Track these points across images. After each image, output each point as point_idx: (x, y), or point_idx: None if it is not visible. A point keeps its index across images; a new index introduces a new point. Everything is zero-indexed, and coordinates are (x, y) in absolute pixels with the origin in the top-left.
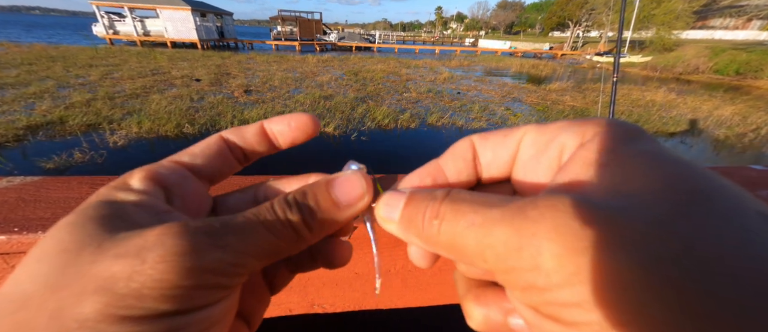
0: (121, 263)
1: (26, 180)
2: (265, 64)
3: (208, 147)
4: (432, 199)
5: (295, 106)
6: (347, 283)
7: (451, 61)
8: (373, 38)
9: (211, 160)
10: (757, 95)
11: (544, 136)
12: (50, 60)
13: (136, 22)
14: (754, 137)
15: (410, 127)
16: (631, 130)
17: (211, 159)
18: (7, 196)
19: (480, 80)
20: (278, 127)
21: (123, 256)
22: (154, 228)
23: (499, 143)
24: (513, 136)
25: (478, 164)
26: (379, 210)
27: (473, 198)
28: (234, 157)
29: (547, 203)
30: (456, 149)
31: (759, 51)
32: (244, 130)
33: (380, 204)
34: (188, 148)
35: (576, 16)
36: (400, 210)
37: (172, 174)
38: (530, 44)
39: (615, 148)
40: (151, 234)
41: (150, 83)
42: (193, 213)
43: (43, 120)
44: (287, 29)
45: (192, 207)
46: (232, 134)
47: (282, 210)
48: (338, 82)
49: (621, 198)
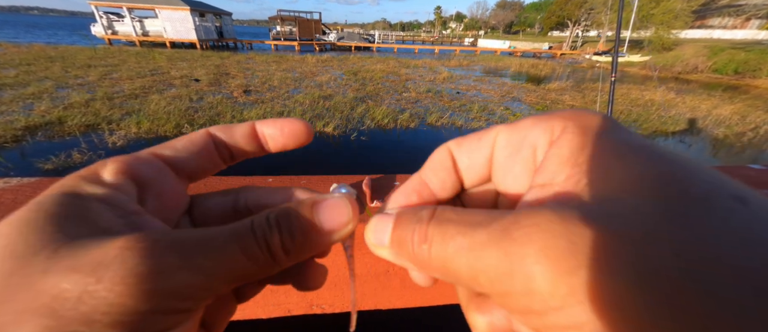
0: (73, 279)
1: (23, 182)
2: (265, 64)
3: (192, 142)
4: (418, 222)
5: (294, 106)
6: (346, 284)
7: (451, 60)
8: (372, 38)
9: (194, 157)
10: (755, 94)
11: (515, 135)
12: (49, 60)
13: (135, 22)
14: (753, 136)
15: (410, 127)
16: (598, 119)
17: (194, 155)
18: (4, 198)
19: (479, 80)
20: (270, 130)
21: (76, 271)
22: (116, 240)
23: (474, 147)
24: (486, 139)
25: (459, 171)
26: (369, 237)
27: (459, 218)
28: (219, 155)
29: (531, 222)
30: (435, 159)
31: (757, 50)
32: (233, 129)
33: (368, 230)
34: (171, 141)
35: (575, 16)
36: (389, 235)
37: (148, 168)
38: (529, 44)
39: (587, 143)
40: (112, 246)
41: (149, 83)
42: (166, 212)
43: (42, 120)
44: (286, 29)
45: (166, 205)
46: (221, 132)
47: (262, 232)
48: (337, 81)
49: (606, 203)
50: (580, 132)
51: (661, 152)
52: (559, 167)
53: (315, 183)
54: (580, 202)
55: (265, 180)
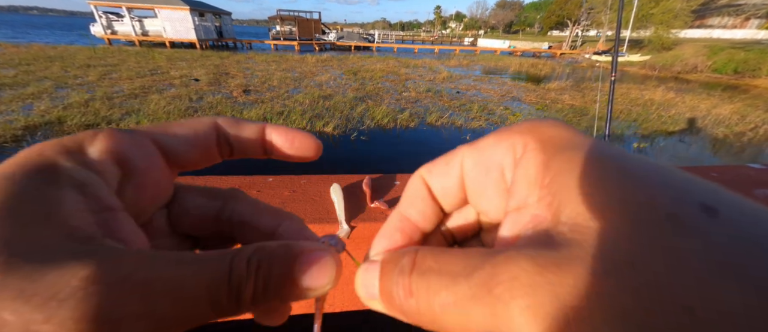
0: (18, 310)
1: None
2: (264, 63)
3: (195, 133)
4: (400, 273)
5: (294, 105)
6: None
7: (450, 60)
8: (372, 38)
9: (193, 149)
10: (755, 94)
11: (480, 157)
12: (48, 60)
13: (135, 21)
14: (752, 136)
15: (409, 127)
16: (556, 130)
17: (194, 147)
18: None
19: (479, 79)
20: (280, 139)
21: (25, 301)
22: (79, 267)
23: (443, 172)
24: (453, 163)
25: (436, 198)
26: (359, 291)
27: (440, 268)
28: (219, 149)
29: (510, 275)
30: (410, 190)
31: (757, 50)
32: (242, 126)
33: (358, 283)
34: (174, 124)
35: (575, 16)
36: (377, 287)
37: (140, 154)
38: (529, 43)
39: (550, 161)
40: (74, 276)
41: (148, 83)
42: (145, 204)
43: (42, 120)
44: (286, 29)
45: (146, 198)
46: (229, 125)
47: (237, 281)
48: (337, 81)
49: (581, 233)
50: (540, 148)
51: (622, 163)
52: (528, 189)
53: (315, 183)
54: (555, 235)
55: (265, 180)
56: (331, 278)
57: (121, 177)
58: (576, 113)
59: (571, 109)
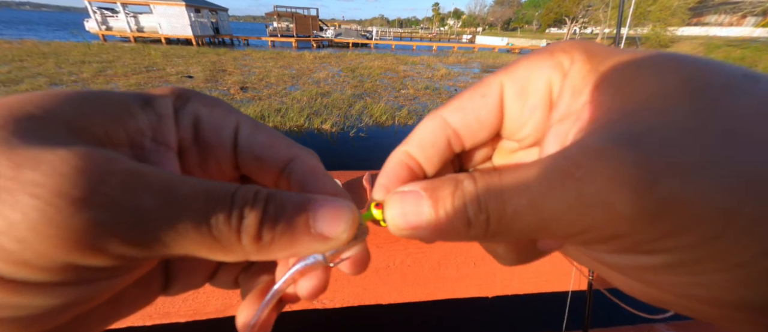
0: None
1: None
2: (262, 60)
3: (275, 152)
4: (467, 193)
5: (291, 103)
6: (346, 279)
7: (449, 57)
8: (370, 35)
9: (260, 162)
10: None
11: (523, 81)
12: (42, 56)
13: (130, 17)
14: None
15: (408, 124)
16: (598, 46)
17: (262, 161)
18: None
19: (477, 77)
20: None
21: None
22: (71, 150)
23: (479, 106)
24: (490, 93)
25: (457, 137)
26: (398, 221)
27: (501, 179)
28: (278, 176)
29: (584, 159)
30: (424, 133)
31: (753, 47)
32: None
33: (394, 213)
34: (273, 134)
35: (573, 13)
36: (430, 212)
37: (214, 130)
38: (527, 41)
39: (598, 67)
40: (65, 152)
41: (144, 80)
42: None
43: None
44: (283, 25)
45: (194, 164)
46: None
47: (241, 203)
48: (335, 78)
49: (641, 114)
50: (587, 59)
51: (671, 58)
52: (573, 97)
53: None
54: (613, 121)
55: None
56: (347, 226)
57: (193, 135)
58: None
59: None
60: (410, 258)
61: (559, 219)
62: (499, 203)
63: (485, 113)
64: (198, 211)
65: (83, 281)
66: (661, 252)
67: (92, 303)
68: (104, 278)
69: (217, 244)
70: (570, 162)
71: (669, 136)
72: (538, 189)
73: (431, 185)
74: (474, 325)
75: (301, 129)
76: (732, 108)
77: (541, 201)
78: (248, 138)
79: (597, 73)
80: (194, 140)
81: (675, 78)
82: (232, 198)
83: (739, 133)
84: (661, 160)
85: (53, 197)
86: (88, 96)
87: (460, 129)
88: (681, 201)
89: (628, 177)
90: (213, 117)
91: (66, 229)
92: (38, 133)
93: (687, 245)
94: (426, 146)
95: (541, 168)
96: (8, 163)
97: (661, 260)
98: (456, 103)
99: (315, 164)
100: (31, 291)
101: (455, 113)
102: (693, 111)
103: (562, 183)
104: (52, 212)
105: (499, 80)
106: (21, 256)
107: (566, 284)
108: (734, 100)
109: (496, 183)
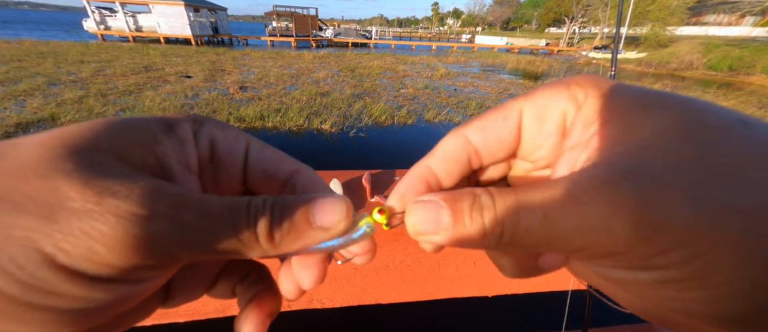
0: (83, 194)
1: None
2: (261, 60)
3: (278, 168)
4: (483, 206)
5: (291, 102)
6: (346, 279)
7: (448, 57)
8: (369, 34)
9: (267, 176)
10: (749, 91)
11: (541, 108)
12: (40, 56)
13: (128, 17)
14: None
15: (407, 124)
16: (610, 83)
17: (269, 176)
18: None
19: (477, 76)
20: None
21: (89, 187)
22: (133, 183)
23: (501, 127)
24: (511, 116)
25: (476, 155)
26: (419, 226)
27: (517, 196)
28: (283, 186)
29: (590, 185)
30: (447, 148)
31: (752, 47)
32: None
33: (416, 219)
34: (276, 153)
35: (572, 13)
36: (448, 223)
37: (227, 150)
38: (526, 40)
39: (608, 103)
40: (124, 185)
41: (143, 80)
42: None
43: (34, 117)
44: (283, 25)
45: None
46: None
47: (255, 210)
48: (334, 78)
49: (642, 150)
50: (599, 94)
51: (675, 100)
52: (585, 128)
53: None
54: (618, 155)
55: None
56: (341, 216)
57: (209, 155)
58: None
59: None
60: (409, 258)
61: (566, 236)
62: (514, 218)
63: (505, 134)
64: (225, 220)
65: (136, 279)
66: (654, 268)
67: (128, 304)
68: (150, 278)
69: (242, 245)
70: (579, 188)
71: (663, 172)
72: (550, 209)
73: (451, 196)
74: (474, 325)
75: (301, 129)
76: (722, 149)
77: (551, 220)
78: (258, 155)
79: (607, 109)
80: (210, 159)
81: (676, 119)
82: (248, 208)
83: (724, 171)
84: (654, 192)
85: (130, 215)
86: (119, 124)
87: (480, 147)
88: (669, 226)
89: (626, 205)
90: (226, 138)
91: (139, 237)
92: (96, 164)
93: (675, 263)
94: (448, 160)
95: (553, 191)
96: (90, 192)
97: (654, 276)
98: (478, 123)
99: (315, 177)
100: (98, 285)
101: (477, 132)
102: (687, 151)
103: (571, 206)
104: (130, 226)
105: (520, 105)
106: (105, 258)
107: (566, 284)
108: (726, 142)
109: (512, 200)
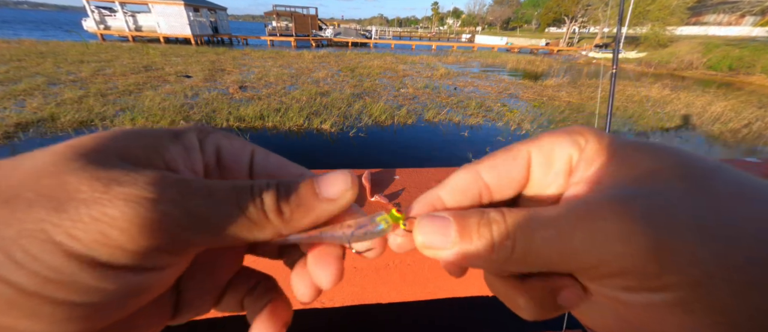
0: (92, 186)
1: None
2: (261, 60)
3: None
4: (494, 222)
5: (291, 102)
6: (346, 278)
7: (448, 57)
8: (369, 34)
9: None
10: (749, 91)
11: (548, 152)
12: (40, 56)
13: (128, 17)
14: (747, 132)
15: (407, 123)
16: (605, 133)
17: None
18: None
19: (476, 76)
20: None
21: (97, 179)
22: (139, 173)
23: (511, 167)
24: (520, 157)
25: (486, 190)
26: (430, 240)
27: (529, 215)
28: None
29: (599, 210)
30: (458, 182)
31: (751, 47)
32: None
33: (425, 233)
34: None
35: (572, 12)
36: (455, 236)
37: (232, 156)
38: (526, 40)
39: (607, 147)
40: (130, 175)
41: (143, 79)
42: None
43: (34, 117)
44: (282, 25)
45: None
46: None
47: (259, 189)
48: (334, 78)
49: (640, 183)
50: (598, 140)
51: (663, 146)
52: (587, 166)
53: None
54: (624, 182)
55: None
56: (346, 184)
57: (215, 162)
58: (573, 110)
59: (569, 106)
60: (410, 258)
61: (579, 253)
62: (527, 232)
63: (516, 172)
64: (231, 200)
65: (149, 266)
66: (661, 290)
67: (138, 301)
68: (162, 266)
69: (253, 224)
70: (592, 206)
71: (664, 201)
72: (565, 225)
73: (459, 213)
74: (474, 324)
75: (301, 129)
76: (711, 186)
77: (565, 235)
78: (263, 161)
79: (607, 150)
80: (216, 165)
81: (670, 159)
82: (252, 188)
83: (713, 205)
84: (657, 216)
85: (139, 198)
86: (128, 132)
87: (491, 184)
88: (670, 248)
89: (630, 226)
90: (232, 146)
91: (149, 219)
92: (103, 162)
93: (677, 285)
94: (459, 192)
95: (567, 209)
96: (98, 183)
97: (662, 298)
98: (490, 162)
99: None
100: (111, 273)
101: (490, 171)
102: (683, 185)
103: (585, 223)
104: (140, 208)
105: (527, 149)
106: (117, 240)
107: None
108: (714, 182)
109: (524, 215)
